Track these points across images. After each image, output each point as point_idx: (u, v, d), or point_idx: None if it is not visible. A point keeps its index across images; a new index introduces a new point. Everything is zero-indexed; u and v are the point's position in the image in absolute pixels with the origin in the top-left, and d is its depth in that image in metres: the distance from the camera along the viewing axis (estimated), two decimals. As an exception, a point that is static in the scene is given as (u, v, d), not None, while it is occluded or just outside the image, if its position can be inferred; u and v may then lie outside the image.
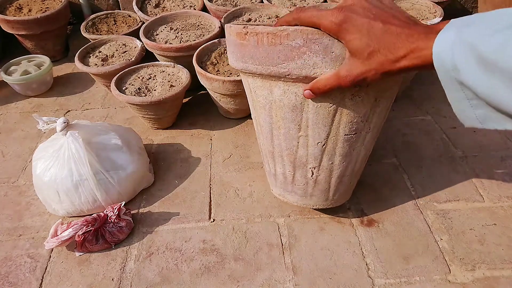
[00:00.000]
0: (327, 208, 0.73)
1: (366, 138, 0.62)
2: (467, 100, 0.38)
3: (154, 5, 1.30)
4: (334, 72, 0.49)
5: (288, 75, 0.53)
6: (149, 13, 1.27)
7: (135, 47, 1.13)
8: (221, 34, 1.10)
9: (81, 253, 0.71)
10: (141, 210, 0.80)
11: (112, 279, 0.67)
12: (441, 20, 1.11)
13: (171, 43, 1.07)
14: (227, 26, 0.58)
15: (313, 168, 0.64)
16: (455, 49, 0.36)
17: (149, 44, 1.06)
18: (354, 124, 0.58)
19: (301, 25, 0.50)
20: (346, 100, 0.55)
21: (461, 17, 0.38)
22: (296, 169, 0.65)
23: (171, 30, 1.13)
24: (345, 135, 0.59)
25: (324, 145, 0.60)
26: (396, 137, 0.98)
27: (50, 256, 0.72)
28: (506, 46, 0.32)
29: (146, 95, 0.95)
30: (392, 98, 0.61)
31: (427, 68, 0.41)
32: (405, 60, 0.42)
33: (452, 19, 0.38)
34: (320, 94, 0.53)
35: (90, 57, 1.11)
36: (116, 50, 1.12)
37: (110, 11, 1.33)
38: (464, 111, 0.39)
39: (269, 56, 0.53)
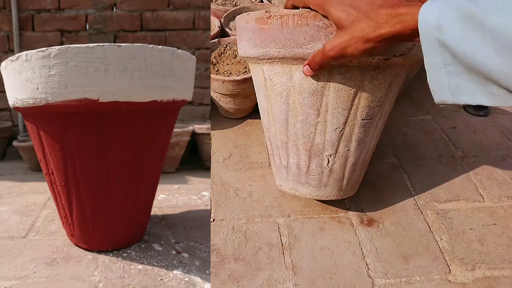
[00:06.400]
0: (339, 199, 0.73)
1: (378, 125, 0.64)
2: (444, 66, 0.39)
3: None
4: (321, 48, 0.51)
5: None
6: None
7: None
8: (221, 33, 1.10)
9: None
10: (141, 210, 0.80)
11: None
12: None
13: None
14: (242, 15, 0.58)
15: (329, 156, 0.65)
16: (443, 9, 0.37)
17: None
18: (370, 109, 0.60)
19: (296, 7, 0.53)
20: (365, 83, 0.56)
21: None
22: (311, 158, 0.66)
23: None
24: (362, 119, 0.61)
25: (342, 130, 0.61)
26: (396, 137, 0.98)
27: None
28: (495, 7, 0.33)
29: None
30: (400, 85, 0.62)
31: (408, 37, 0.42)
32: (387, 25, 0.43)
33: None
34: (316, 70, 0.54)
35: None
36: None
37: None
38: (438, 80, 0.40)
39: (294, 38, 0.53)
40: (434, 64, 0.40)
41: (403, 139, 0.97)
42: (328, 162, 0.65)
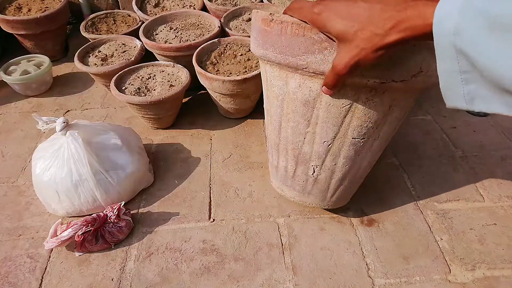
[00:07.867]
0: (324, 209, 0.73)
1: (373, 146, 0.62)
2: (459, 73, 0.35)
3: (153, 4, 1.30)
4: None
5: (306, 68, 0.52)
6: (149, 12, 1.27)
7: (134, 47, 1.12)
8: (220, 33, 1.10)
9: (81, 253, 0.71)
10: (140, 210, 0.80)
11: (112, 279, 0.67)
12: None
13: (170, 43, 1.07)
14: (254, 12, 0.58)
15: (315, 166, 0.64)
16: (464, 12, 0.33)
17: (149, 44, 1.06)
18: (363, 129, 0.58)
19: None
20: (359, 102, 0.54)
21: None
22: (298, 165, 0.66)
23: (170, 29, 1.13)
24: (352, 138, 0.59)
25: (330, 144, 0.60)
26: (396, 137, 0.98)
27: (49, 256, 0.71)
28: None
29: (145, 94, 0.95)
30: (406, 109, 0.59)
31: (421, 39, 0.38)
32: (395, 31, 0.39)
33: None
34: (332, 89, 0.52)
35: (89, 56, 1.10)
36: (116, 50, 1.12)
37: (110, 11, 1.33)
38: (452, 86, 0.37)
39: (290, 46, 0.52)
40: (447, 70, 0.36)
41: (403, 139, 0.97)
42: (314, 172, 0.65)
